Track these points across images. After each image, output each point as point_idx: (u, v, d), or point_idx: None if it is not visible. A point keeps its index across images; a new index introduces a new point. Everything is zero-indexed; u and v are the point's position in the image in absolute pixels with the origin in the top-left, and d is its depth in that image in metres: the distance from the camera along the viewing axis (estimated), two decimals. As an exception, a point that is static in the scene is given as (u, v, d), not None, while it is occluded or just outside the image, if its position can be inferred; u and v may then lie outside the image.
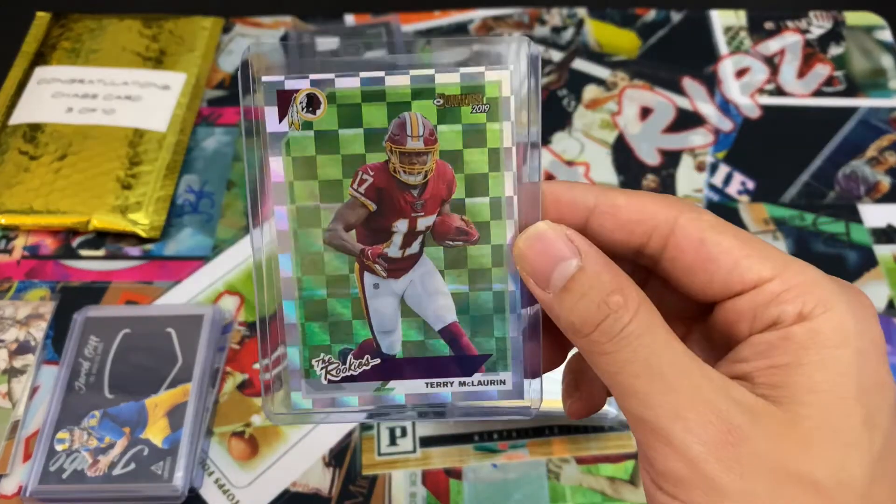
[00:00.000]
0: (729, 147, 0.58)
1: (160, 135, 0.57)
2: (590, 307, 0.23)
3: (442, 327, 0.27)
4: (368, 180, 0.26)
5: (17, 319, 0.49)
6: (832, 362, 0.22)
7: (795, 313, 0.23)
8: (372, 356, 0.27)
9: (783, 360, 0.22)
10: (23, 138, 0.56)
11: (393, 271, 0.27)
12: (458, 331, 0.27)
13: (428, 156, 0.26)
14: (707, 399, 0.22)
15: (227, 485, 0.44)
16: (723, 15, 0.66)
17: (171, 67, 0.60)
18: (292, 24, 0.65)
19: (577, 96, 0.61)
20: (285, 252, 0.26)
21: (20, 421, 0.46)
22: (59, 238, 0.54)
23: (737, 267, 0.24)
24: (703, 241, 0.24)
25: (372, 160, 0.26)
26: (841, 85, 0.62)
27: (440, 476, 0.44)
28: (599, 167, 0.57)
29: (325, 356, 0.27)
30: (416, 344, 0.27)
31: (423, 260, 0.27)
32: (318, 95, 0.25)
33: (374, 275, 0.27)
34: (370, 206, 0.26)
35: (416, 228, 0.26)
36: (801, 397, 0.22)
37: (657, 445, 0.22)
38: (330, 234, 0.26)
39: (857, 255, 0.53)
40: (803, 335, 0.22)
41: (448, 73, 0.25)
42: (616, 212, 0.25)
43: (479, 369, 0.27)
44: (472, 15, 0.66)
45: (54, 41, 0.62)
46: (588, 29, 0.65)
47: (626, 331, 0.23)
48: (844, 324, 0.23)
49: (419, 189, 0.26)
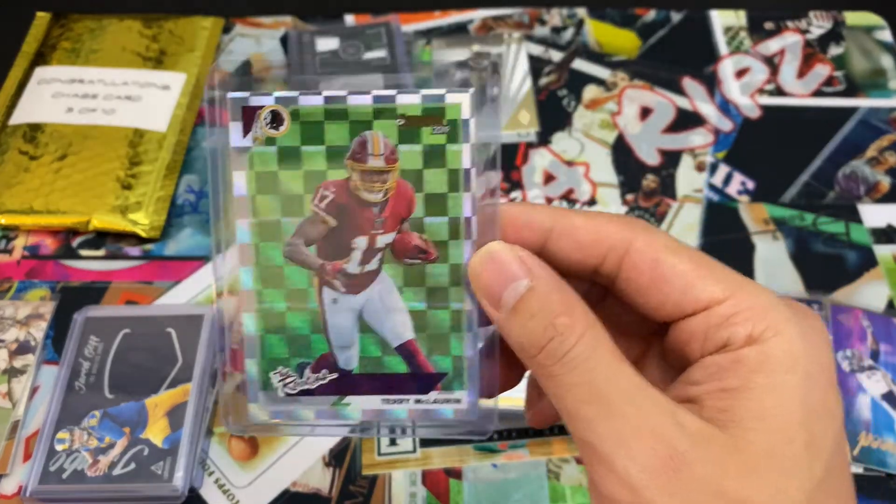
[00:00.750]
0: (729, 147, 0.58)
1: (160, 135, 0.57)
2: (537, 328, 0.24)
3: (399, 344, 0.28)
4: (329, 197, 0.26)
5: (17, 319, 0.49)
6: (779, 387, 0.22)
7: (745, 335, 0.23)
8: (329, 371, 0.28)
9: (732, 383, 0.23)
10: (23, 138, 0.56)
11: (352, 287, 0.27)
12: (414, 348, 0.27)
13: (388, 174, 0.26)
14: (652, 426, 0.22)
15: (228, 485, 0.44)
16: (723, 15, 0.66)
17: (172, 67, 0.61)
18: (292, 24, 0.65)
19: (576, 96, 0.61)
20: (246, 265, 0.27)
21: (20, 421, 0.46)
22: (59, 238, 0.54)
23: (690, 288, 0.24)
24: (657, 261, 0.24)
25: (333, 177, 0.26)
26: (841, 85, 0.62)
27: (440, 476, 0.44)
28: (599, 167, 0.57)
29: (283, 369, 0.28)
30: (373, 360, 0.28)
31: (382, 276, 0.27)
32: (282, 112, 0.26)
33: (333, 290, 0.27)
34: (330, 222, 0.27)
35: (375, 245, 0.27)
36: (747, 422, 0.22)
37: (601, 470, 0.22)
38: (290, 248, 0.27)
39: (856, 255, 0.53)
40: (753, 359, 0.23)
41: (409, 94, 0.26)
42: (573, 233, 0.25)
43: (436, 387, 0.28)
44: (472, 15, 0.66)
45: (54, 41, 0.62)
46: (588, 29, 0.65)
47: (572, 354, 0.23)
48: (794, 348, 0.23)
49: (379, 207, 0.27)
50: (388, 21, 0.63)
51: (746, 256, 0.53)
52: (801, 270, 0.52)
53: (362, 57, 0.61)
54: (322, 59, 0.61)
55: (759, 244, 0.53)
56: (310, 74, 0.60)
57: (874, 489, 0.44)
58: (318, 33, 0.62)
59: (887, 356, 0.47)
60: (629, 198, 0.55)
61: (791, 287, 0.51)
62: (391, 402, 0.28)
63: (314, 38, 0.62)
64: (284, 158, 0.26)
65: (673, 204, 0.55)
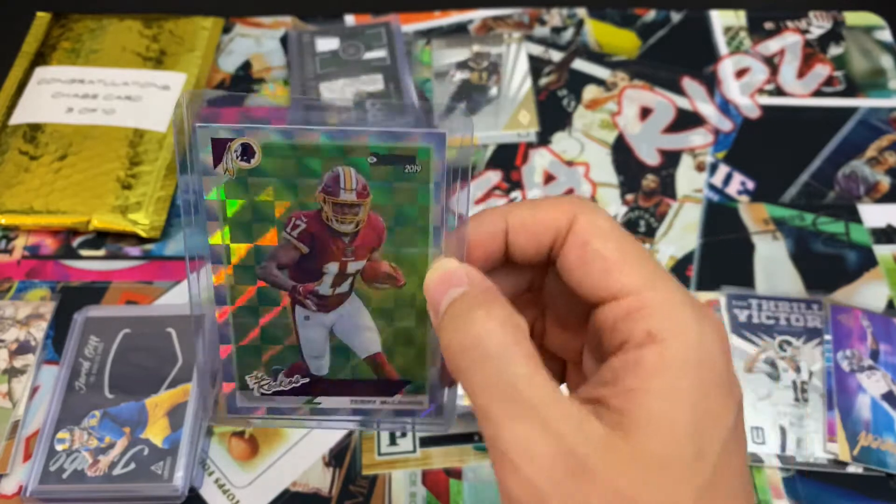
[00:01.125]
0: (729, 147, 0.58)
1: (160, 135, 0.57)
2: (460, 328, 0.24)
3: (367, 356, 0.29)
4: (301, 226, 0.27)
5: (17, 319, 0.49)
6: (673, 392, 0.23)
7: (645, 332, 0.24)
8: (302, 375, 0.29)
9: (632, 384, 0.23)
10: (23, 138, 0.56)
11: (323, 307, 0.28)
12: (381, 360, 0.29)
13: (360, 208, 0.27)
14: (556, 431, 0.22)
15: (228, 485, 0.44)
16: (723, 15, 0.66)
17: (172, 67, 0.61)
18: (292, 24, 0.65)
19: (576, 96, 0.61)
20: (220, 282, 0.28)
21: (20, 421, 0.46)
22: (59, 238, 0.54)
23: (607, 274, 0.25)
24: (585, 243, 0.25)
25: (305, 208, 0.27)
26: (840, 85, 0.62)
27: (440, 476, 0.44)
28: (599, 167, 0.57)
29: (258, 373, 0.29)
30: (342, 368, 0.29)
31: (353, 297, 0.28)
32: (253, 145, 0.26)
33: (305, 308, 0.28)
34: (303, 250, 0.28)
35: (346, 271, 0.28)
36: (642, 426, 0.23)
37: (506, 473, 0.23)
38: (263, 270, 0.28)
39: (856, 255, 0.53)
40: (650, 361, 0.23)
41: (382, 132, 0.26)
42: (523, 226, 0.27)
43: (400, 392, 0.30)
44: (472, 15, 0.66)
45: (54, 41, 0.62)
46: (588, 29, 0.65)
47: (488, 352, 0.24)
48: (689, 351, 0.23)
49: (350, 237, 0.27)
50: (388, 21, 0.63)
51: (746, 256, 0.53)
52: (800, 270, 0.52)
53: (362, 57, 0.61)
54: (322, 60, 0.61)
55: (759, 244, 0.53)
56: (309, 77, 0.60)
57: (874, 489, 0.44)
58: (318, 33, 0.62)
59: (887, 356, 0.47)
60: (629, 198, 0.55)
61: (791, 287, 0.51)
62: (359, 403, 0.30)
63: (314, 39, 0.62)
64: (255, 190, 0.27)
65: (673, 204, 0.55)
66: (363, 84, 0.59)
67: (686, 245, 0.53)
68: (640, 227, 0.54)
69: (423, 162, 0.26)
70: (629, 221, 0.54)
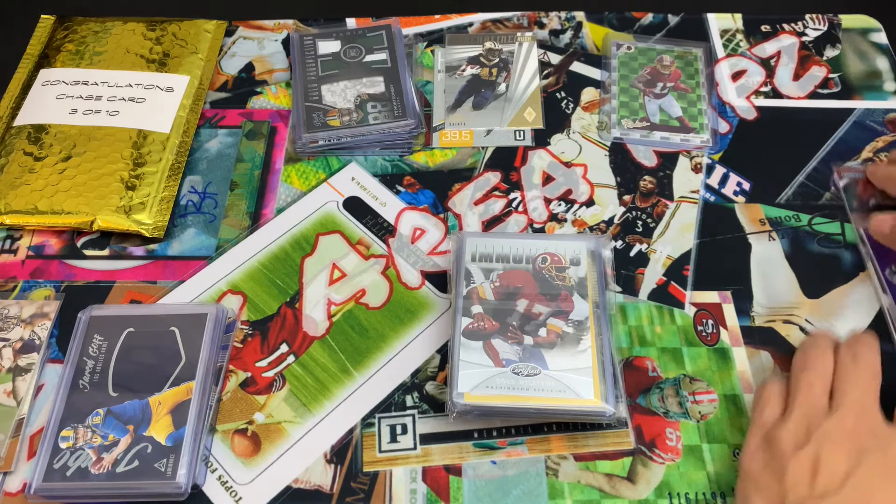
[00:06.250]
0: (725, 148, 0.59)
1: (164, 136, 0.57)
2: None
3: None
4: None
5: (21, 318, 0.50)
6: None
7: None
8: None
9: None
10: (27, 139, 0.57)
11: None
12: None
13: None
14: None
15: (230, 482, 0.44)
16: (719, 18, 0.66)
17: (175, 70, 0.61)
18: (294, 26, 0.66)
19: (575, 98, 0.61)
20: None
21: (25, 419, 0.46)
22: (63, 238, 0.54)
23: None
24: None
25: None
26: (836, 87, 0.62)
27: (440, 473, 0.45)
28: (597, 168, 0.57)
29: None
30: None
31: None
32: None
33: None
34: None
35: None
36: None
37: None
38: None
39: (851, 255, 0.53)
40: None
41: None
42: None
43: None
44: (471, 18, 0.66)
45: (58, 43, 0.62)
46: (586, 32, 0.65)
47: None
48: None
49: None
50: (388, 24, 0.64)
51: (742, 257, 0.53)
52: (796, 270, 0.52)
53: (363, 59, 0.62)
54: (323, 62, 0.61)
55: (755, 244, 0.54)
56: (311, 79, 0.60)
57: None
58: (319, 36, 0.63)
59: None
60: (626, 198, 0.56)
61: (786, 287, 0.52)
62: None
63: (316, 41, 0.63)
64: None
65: (670, 205, 0.56)
66: (364, 86, 0.60)
67: (683, 245, 0.54)
68: (638, 228, 0.55)
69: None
70: (626, 222, 0.55)
